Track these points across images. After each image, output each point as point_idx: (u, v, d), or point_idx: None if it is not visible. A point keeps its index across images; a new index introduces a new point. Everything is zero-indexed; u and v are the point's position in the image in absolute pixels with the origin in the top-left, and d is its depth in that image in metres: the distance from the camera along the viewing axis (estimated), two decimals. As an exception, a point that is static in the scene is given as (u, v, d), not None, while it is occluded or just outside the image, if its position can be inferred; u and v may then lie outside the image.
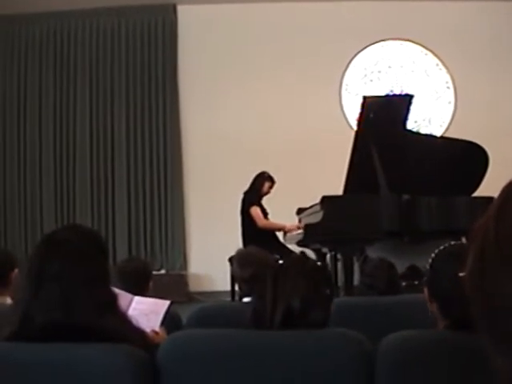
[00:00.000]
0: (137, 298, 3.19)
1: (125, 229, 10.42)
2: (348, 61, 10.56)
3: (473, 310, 0.79)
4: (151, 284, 3.84)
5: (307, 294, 2.14)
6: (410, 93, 8.95)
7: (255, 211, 7.96)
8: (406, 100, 7.60)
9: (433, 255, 2.22)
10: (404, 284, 6.64)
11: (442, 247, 2.24)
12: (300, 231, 7.62)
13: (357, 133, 7.55)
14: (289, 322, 2.12)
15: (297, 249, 7.99)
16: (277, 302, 2.14)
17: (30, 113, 10.55)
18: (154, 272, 7.81)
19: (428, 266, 2.23)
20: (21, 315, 2.09)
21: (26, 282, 2.16)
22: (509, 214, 0.76)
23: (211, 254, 9.78)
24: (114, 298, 2.23)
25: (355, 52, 10.57)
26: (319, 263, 2.30)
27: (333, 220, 6.91)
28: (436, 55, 10.56)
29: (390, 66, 10.68)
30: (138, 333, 2.25)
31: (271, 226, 8.11)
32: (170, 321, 3.09)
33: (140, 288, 3.67)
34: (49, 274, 2.10)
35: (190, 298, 9.70)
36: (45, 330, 2.03)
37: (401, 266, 7.27)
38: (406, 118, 7.52)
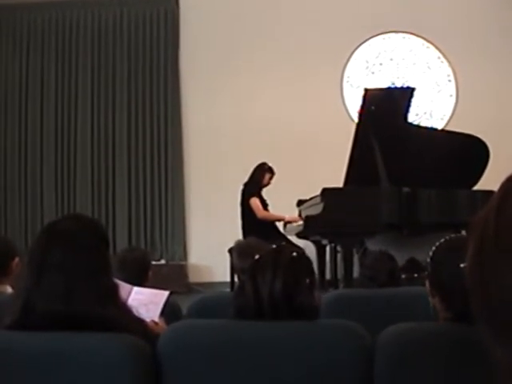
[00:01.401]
0: (136, 289, 3.19)
1: (125, 219, 10.43)
2: (350, 53, 10.55)
3: (472, 301, 0.80)
4: (150, 274, 3.84)
5: (287, 283, 2.14)
6: (411, 86, 8.93)
7: (255, 202, 7.97)
8: (408, 93, 7.60)
9: (433, 248, 2.22)
10: (404, 276, 6.65)
11: (442, 240, 2.24)
12: (300, 223, 7.63)
13: (358, 125, 7.56)
14: (275, 312, 2.12)
15: (297, 240, 8.01)
16: (259, 294, 2.14)
17: (32, 103, 10.56)
18: (154, 262, 7.86)
19: (428, 260, 2.23)
20: (22, 304, 2.09)
21: (27, 272, 2.16)
22: (509, 207, 0.76)
23: (211, 244, 9.79)
24: (115, 288, 2.24)
25: (357, 44, 10.56)
26: (295, 254, 2.27)
27: (333, 212, 6.91)
28: (438, 48, 10.55)
29: (392, 59, 10.67)
30: (139, 323, 2.26)
31: (270, 217, 8.12)
32: (169, 311, 3.09)
33: (139, 278, 3.68)
34: (50, 264, 2.10)
35: (190, 288, 9.71)
36: (46, 320, 2.04)
37: (400, 259, 7.27)
38: (407, 111, 7.52)
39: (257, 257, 2.25)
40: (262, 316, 2.12)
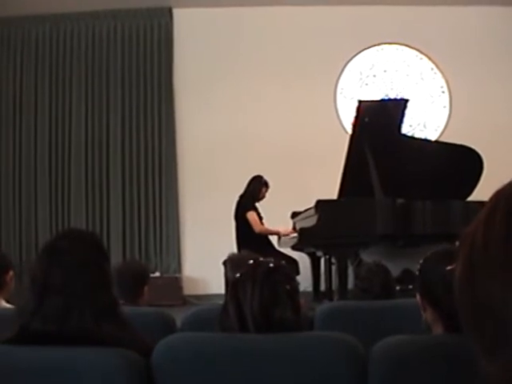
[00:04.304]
0: None
1: (119, 232, 10.41)
2: (343, 65, 10.58)
3: (461, 315, 0.80)
4: (146, 289, 3.82)
5: (264, 298, 2.15)
6: (405, 97, 8.96)
7: (252, 216, 7.95)
8: (401, 104, 7.61)
9: (421, 260, 2.24)
10: (398, 288, 6.65)
11: (429, 252, 2.26)
12: (295, 235, 7.63)
13: (352, 137, 7.57)
14: (258, 328, 2.12)
15: (292, 252, 8.01)
16: (242, 312, 2.15)
17: (26, 115, 10.54)
18: (149, 275, 7.83)
19: (417, 272, 2.24)
20: (20, 325, 2.09)
21: (30, 296, 2.14)
22: (497, 223, 0.76)
23: (206, 256, 9.77)
24: (114, 304, 2.23)
25: (350, 56, 10.59)
26: (271, 265, 2.27)
27: (327, 224, 6.91)
28: (431, 59, 10.58)
29: (386, 70, 10.70)
30: (139, 337, 2.24)
31: (267, 232, 8.11)
32: (164, 324, 3.08)
33: (135, 292, 3.68)
34: (51, 286, 2.10)
35: (185, 300, 9.70)
36: (43, 337, 2.03)
37: (395, 270, 7.27)
38: (401, 122, 7.54)
39: (237, 275, 2.26)
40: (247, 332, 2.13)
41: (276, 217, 8.21)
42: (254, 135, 10.24)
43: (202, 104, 10.45)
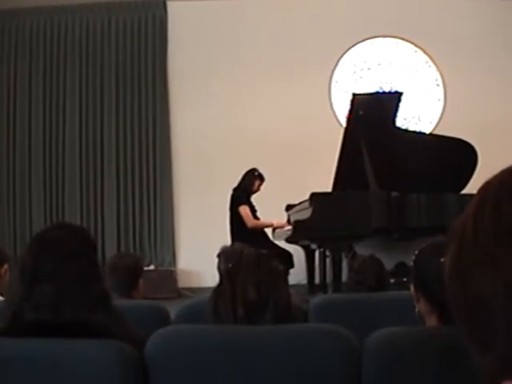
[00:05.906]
0: None
1: (114, 225, 10.40)
2: (338, 58, 10.56)
3: (452, 308, 0.80)
4: (141, 282, 3.83)
5: (260, 279, 2.17)
6: (399, 90, 8.95)
7: (244, 211, 7.94)
8: (396, 97, 7.62)
9: (416, 252, 2.25)
10: (392, 281, 6.66)
11: (424, 245, 2.27)
12: (288, 228, 7.63)
13: (346, 130, 7.57)
14: (253, 313, 2.14)
15: (286, 245, 8.01)
16: (235, 297, 2.16)
17: (19, 109, 10.52)
18: (144, 268, 7.84)
19: (412, 263, 2.25)
20: (11, 315, 2.09)
21: (19, 284, 2.15)
22: (486, 215, 0.76)
23: (200, 249, 9.77)
24: (106, 295, 2.23)
25: (345, 49, 10.57)
26: (258, 254, 2.33)
27: (322, 217, 6.92)
28: (425, 52, 10.57)
29: (380, 64, 10.69)
30: (131, 330, 2.25)
31: (260, 226, 8.10)
32: (158, 316, 3.09)
33: (129, 285, 3.68)
34: (41, 275, 2.10)
35: (179, 293, 9.70)
36: (35, 328, 2.03)
37: (389, 263, 7.29)
38: (395, 116, 7.54)
39: (230, 265, 2.28)
40: (241, 318, 2.14)
41: (271, 210, 8.21)
42: (249, 129, 10.24)
43: (197, 97, 10.44)
